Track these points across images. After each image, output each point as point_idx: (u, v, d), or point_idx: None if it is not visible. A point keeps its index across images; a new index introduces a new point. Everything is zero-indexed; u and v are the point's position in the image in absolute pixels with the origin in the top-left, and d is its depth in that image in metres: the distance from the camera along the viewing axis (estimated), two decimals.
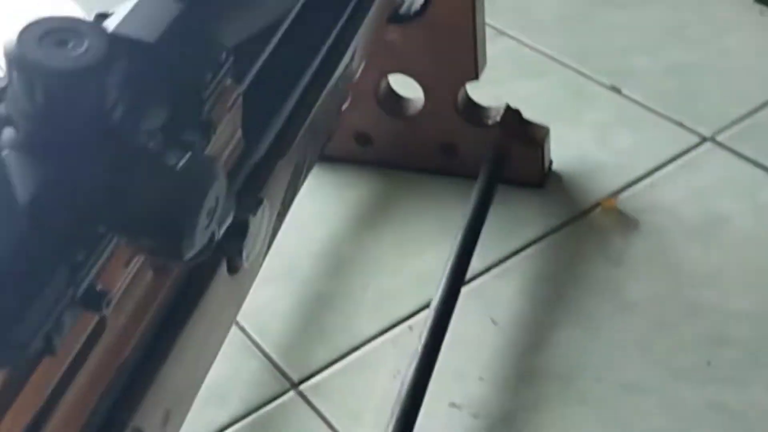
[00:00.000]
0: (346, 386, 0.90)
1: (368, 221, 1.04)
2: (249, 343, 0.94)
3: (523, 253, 0.98)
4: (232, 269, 0.54)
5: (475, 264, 0.94)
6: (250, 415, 0.89)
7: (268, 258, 1.00)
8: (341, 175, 1.08)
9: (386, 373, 0.89)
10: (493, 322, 0.92)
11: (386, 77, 1.01)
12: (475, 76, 0.96)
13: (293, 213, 1.04)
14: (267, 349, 0.93)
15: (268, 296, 0.97)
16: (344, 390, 0.89)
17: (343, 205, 1.06)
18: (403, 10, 0.93)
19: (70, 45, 0.40)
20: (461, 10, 0.92)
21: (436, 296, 0.87)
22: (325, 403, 0.89)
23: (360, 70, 0.77)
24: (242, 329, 0.95)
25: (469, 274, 0.92)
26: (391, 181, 1.07)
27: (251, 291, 0.98)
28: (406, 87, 1.03)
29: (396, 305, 0.95)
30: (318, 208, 1.06)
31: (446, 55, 0.95)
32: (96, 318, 0.43)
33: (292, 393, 0.90)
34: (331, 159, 1.08)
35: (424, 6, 0.91)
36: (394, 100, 1.03)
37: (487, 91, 1.06)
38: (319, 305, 0.96)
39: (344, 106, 1.03)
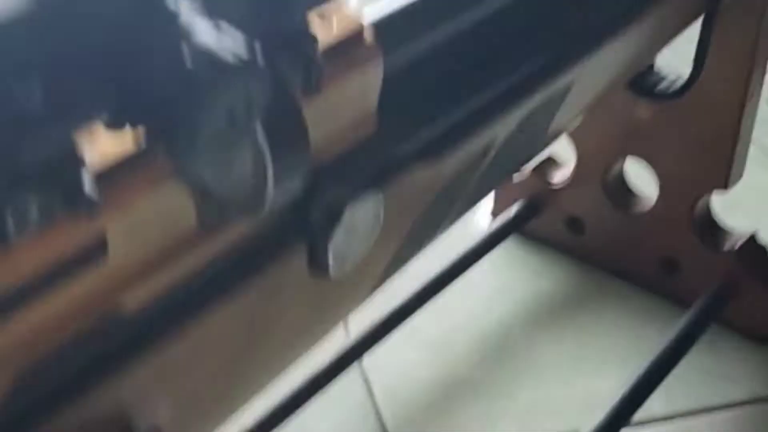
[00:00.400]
0: None
1: (549, 319, 0.89)
2: (369, 403, 0.81)
3: (717, 414, 0.79)
4: (315, 266, 0.40)
5: (656, 407, 0.77)
6: None
7: (425, 322, 0.88)
8: (538, 258, 0.94)
9: None
10: None
11: (621, 161, 0.86)
12: (724, 185, 0.80)
13: (468, 283, 0.91)
14: (385, 419, 0.80)
15: (409, 362, 0.84)
16: None
17: (527, 292, 0.91)
18: (661, 86, 0.78)
19: None
20: (728, 103, 0.76)
21: (588, 428, 0.71)
22: None
23: (571, 125, 0.63)
24: (369, 388, 0.82)
25: (643, 416, 0.76)
26: (591, 281, 0.91)
27: (391, 349, 0.86)
28: (640, 179, 0.88)
29: (544, 424, 0.79)
30: (499, 287, 0.92)
31: (697, 152, 0.79)
32: (94, 234, 0.31)
33: None
34: (533, 237, 0.94)
35: (685, 86, 0.76)
36: (623, 190, 0.88)
37: (736, 213, 0.89)
38: (461, 392, 0.82)
39: (532, 167, 0.88)
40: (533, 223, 0.93)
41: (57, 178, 0.27)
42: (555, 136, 0.60)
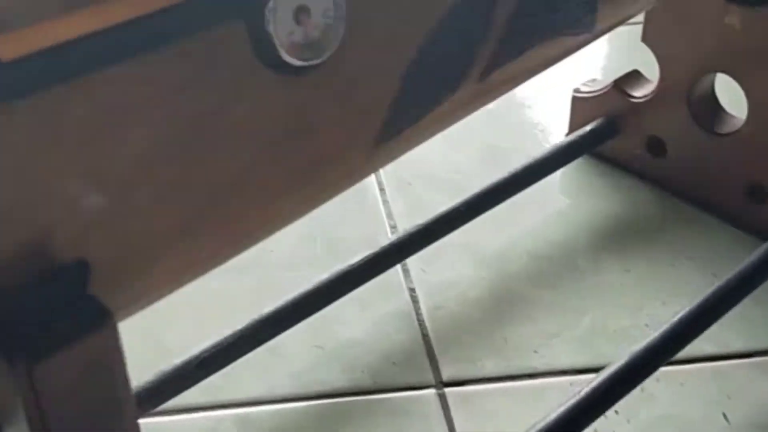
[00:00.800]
0: (499, 412, 0.69)
1: (618, 244, 0.82)
2: (413, 313, 0.76)
3: None
4: (257, 49, 0.34)
5: (736, 343, 0.71)
6: (372, 394, 0.71)
7: (480, 236, 0.82)
8: (611, 181, 0.87)
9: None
10: (725, 418, 0.68)
11: (709, 77, 0.79)
12: None
13: (531, 199, 0.84)
14: (429, 330, 0.75)
15: (462, 277, 0.79)
16: (494, 415, 0.69)
17: (597, 215, 0.85)
18: None
19: None
20: None
21: (633, 349, 0.64)
22: (465, 420, 0.69)
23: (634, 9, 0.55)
24: (414, 298, 0.77)
25: (722, 350, 0.70)
26: (667, 209, 0.84)
27: (442, 262, 0.80)
28: (730, 97, 0.81)
29: (602, 348, 0.73)
30: (565, 207, 0.86)
31: None
32: None
33: (432, 392, 0.71)
34: (609, 160, 0.87)
35: None
36: (710, 109, 0.80)
37: None
38: (515, 311, 0.76)
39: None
40: (611, 143, 0.86)
41: None
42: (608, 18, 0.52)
